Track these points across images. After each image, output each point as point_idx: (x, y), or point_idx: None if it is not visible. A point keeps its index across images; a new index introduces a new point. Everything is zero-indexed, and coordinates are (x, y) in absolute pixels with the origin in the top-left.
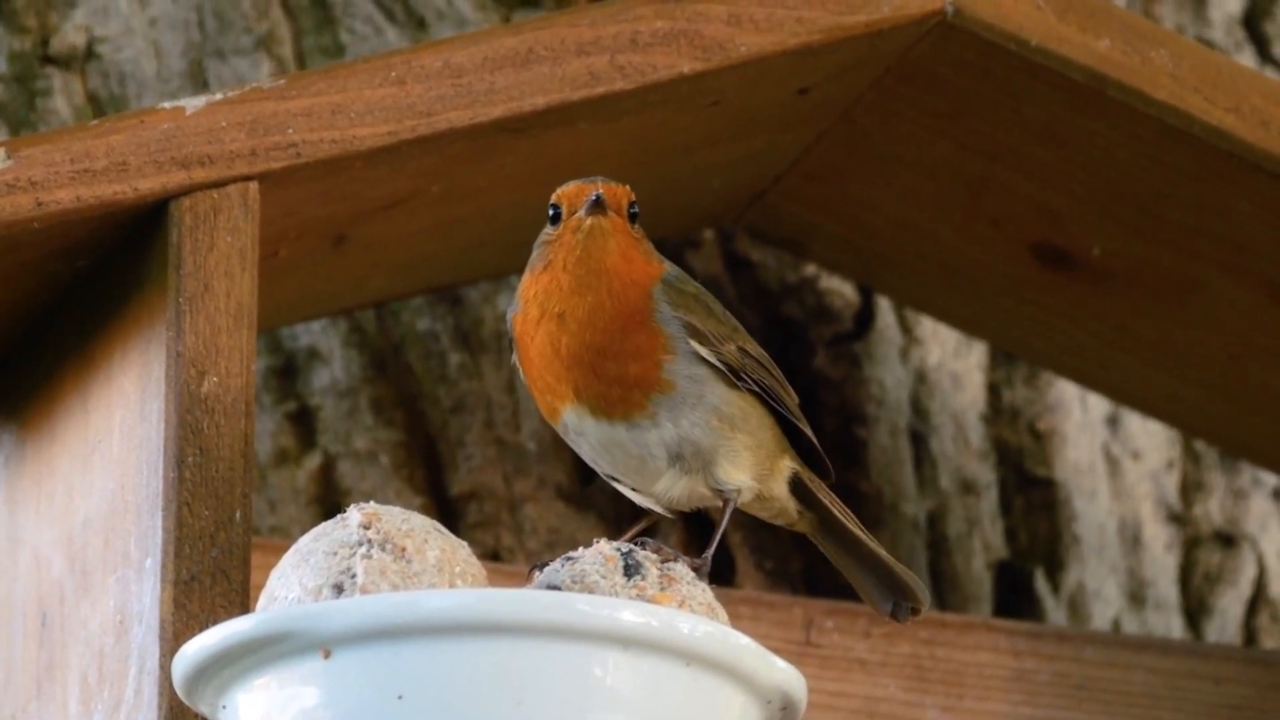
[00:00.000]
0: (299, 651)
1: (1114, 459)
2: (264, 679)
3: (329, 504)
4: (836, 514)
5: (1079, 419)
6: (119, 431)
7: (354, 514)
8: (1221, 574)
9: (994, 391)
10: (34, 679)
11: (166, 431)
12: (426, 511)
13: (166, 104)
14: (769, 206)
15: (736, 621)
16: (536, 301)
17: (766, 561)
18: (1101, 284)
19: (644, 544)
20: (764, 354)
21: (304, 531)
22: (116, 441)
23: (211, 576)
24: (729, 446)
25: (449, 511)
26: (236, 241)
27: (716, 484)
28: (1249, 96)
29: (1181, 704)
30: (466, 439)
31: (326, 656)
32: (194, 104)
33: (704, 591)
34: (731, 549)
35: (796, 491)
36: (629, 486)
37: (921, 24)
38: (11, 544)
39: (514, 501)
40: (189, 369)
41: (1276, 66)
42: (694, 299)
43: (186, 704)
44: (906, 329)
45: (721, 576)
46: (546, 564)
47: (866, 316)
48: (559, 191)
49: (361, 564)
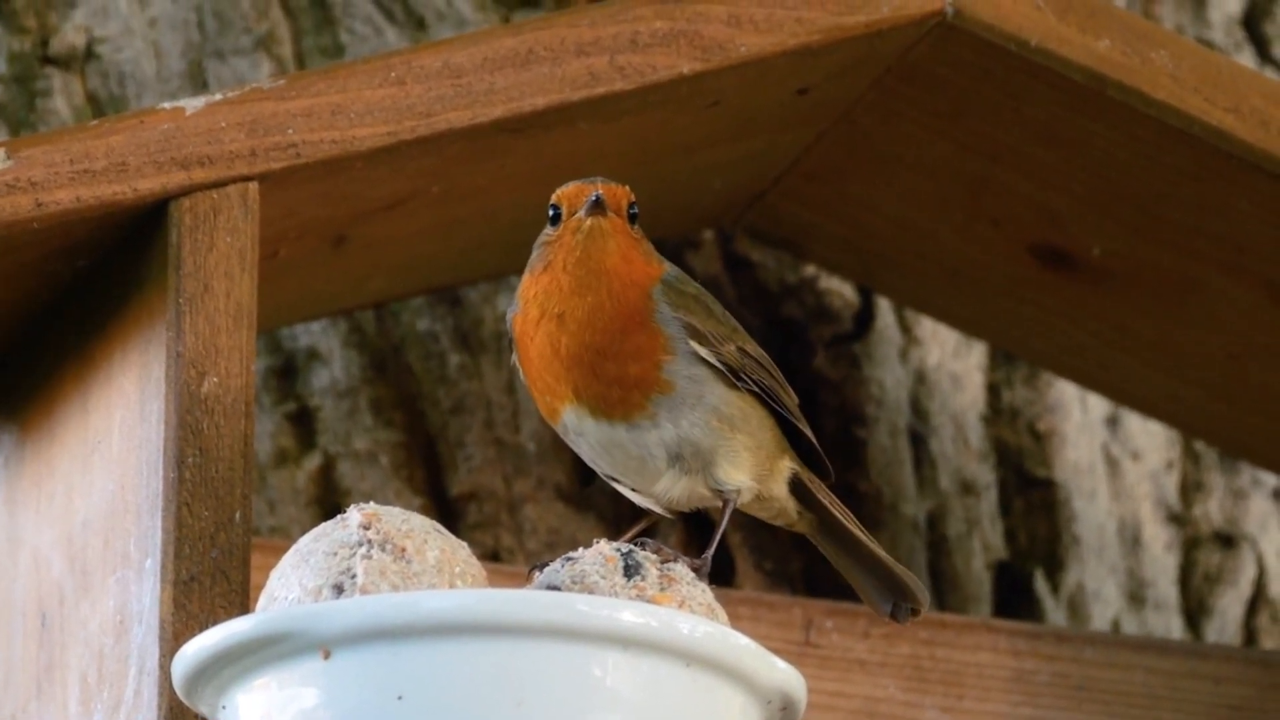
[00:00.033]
0: (299, 652)
1: (1114, 459)
2: (264, 679)
3: (329, 504)
4: (836, 514)
5: (1079, 419)
6: (119, 432)
7: (354, 514)
8: (1221, 574)
9: (994, 392)
10: (34, 679)
11: (166, 432)
12: (426, 512)
13: (166, 104)
14: (769, 207)
15: (736, 622)
16: (536, 302)
17: (766, 562)
18: (1101, 284)
19: (644, 544)
20: (764, 354)
21: (304, 532)
22: (116, 442)
23: (211, 577)
24: (729, 447)
25: (449, 512)
26: (236, 242)
27: (716, 484)
28: (1249, 97)
29: (1181, 704)
30: (466, 439)
31: (326, 657)
32: (194, 104)
33: (704, 592)
34: (731, 549)
35: (796, 492)
36: (629, 487)
37: (921, 24)
38: (11, 544)
39: (514, 502)
40: (189, 369)
41: (1276, 67)
42: (694, 299)
43: (186, 704)
44: (906, 329)
45: (721, 577)
46: (546, 564)
47: (866, 317)
48: (559, 192)
49: (361, 564)
